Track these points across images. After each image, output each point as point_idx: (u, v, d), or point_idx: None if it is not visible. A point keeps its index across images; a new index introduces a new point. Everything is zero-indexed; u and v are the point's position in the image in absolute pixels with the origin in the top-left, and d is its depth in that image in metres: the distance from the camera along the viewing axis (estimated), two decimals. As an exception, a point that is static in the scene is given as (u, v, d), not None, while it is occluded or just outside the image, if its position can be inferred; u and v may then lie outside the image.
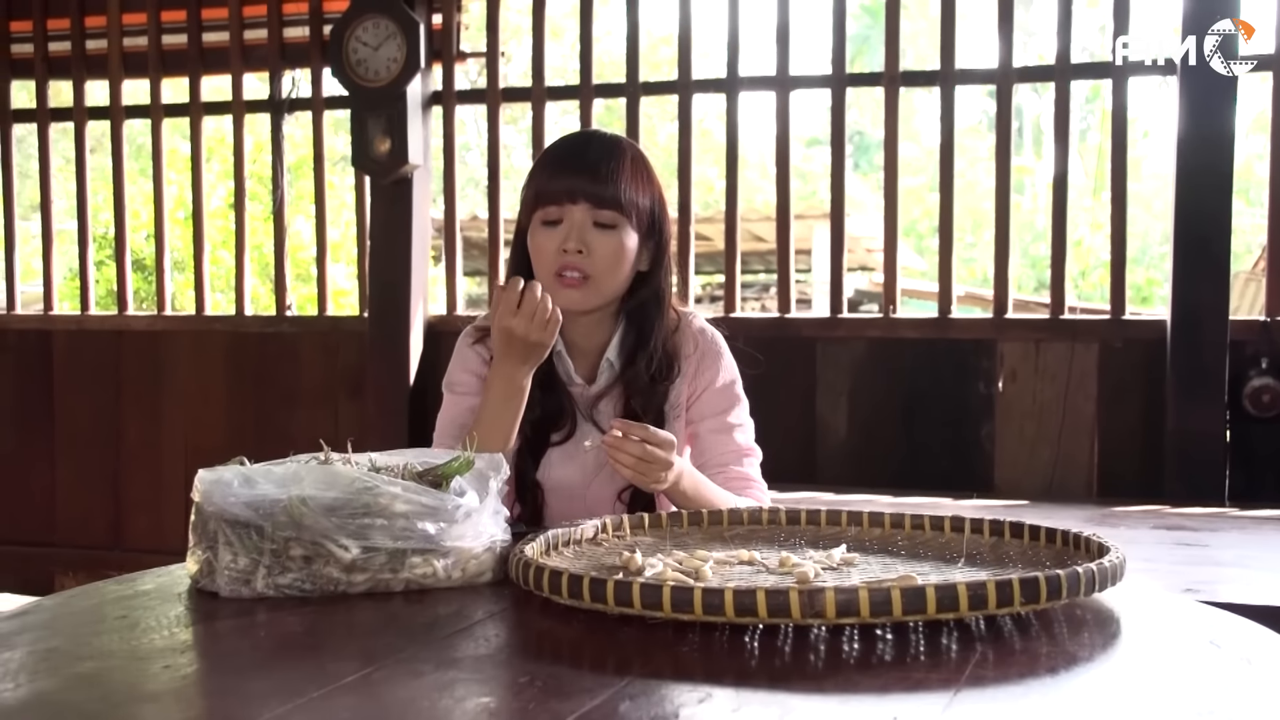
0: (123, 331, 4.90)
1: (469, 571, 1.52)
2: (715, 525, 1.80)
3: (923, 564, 1.62)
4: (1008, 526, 1.68)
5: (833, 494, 3.98)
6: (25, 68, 4.97)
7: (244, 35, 4.72)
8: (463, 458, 1.60)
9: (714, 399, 2.12)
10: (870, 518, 1.78)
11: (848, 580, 1.50)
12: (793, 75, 4.25)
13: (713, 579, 1.51)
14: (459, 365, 2.12)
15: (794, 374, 4.28)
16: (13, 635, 1.30)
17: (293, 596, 1.45)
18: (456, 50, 4.54)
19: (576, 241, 1.96)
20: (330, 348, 4.70)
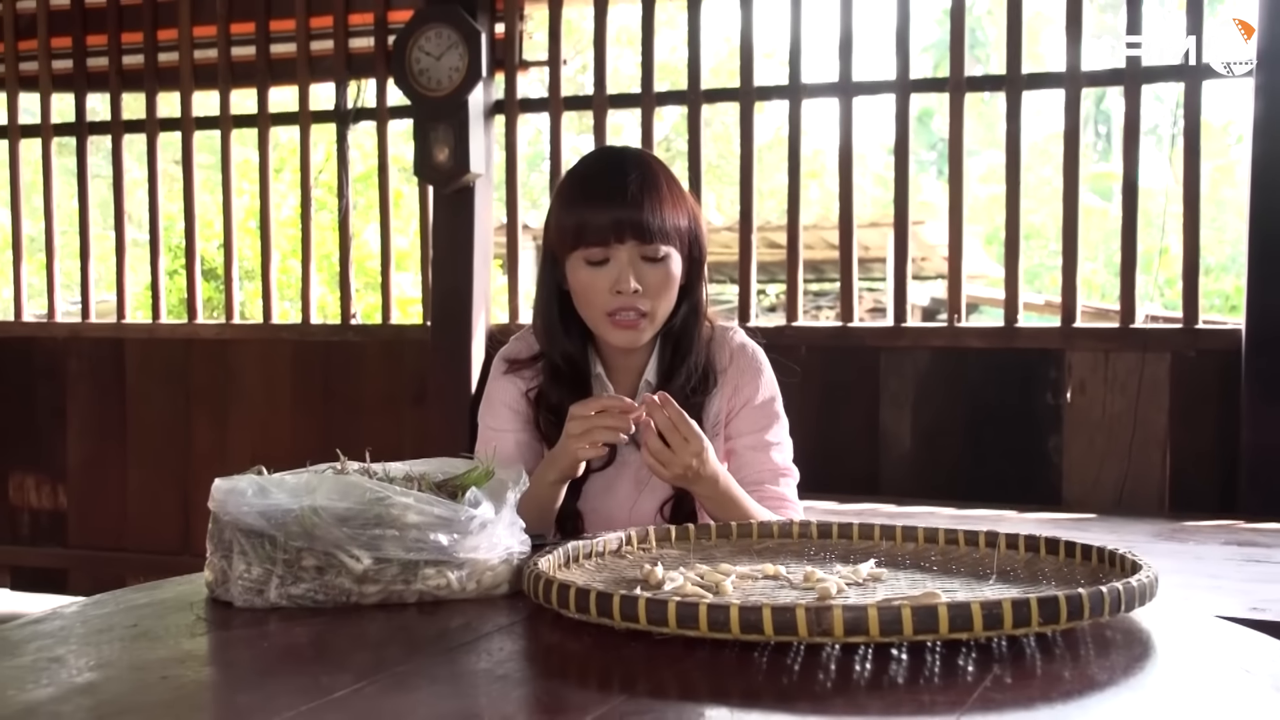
0: (192, 340, 4.96)
1: (484, 584, 1.50)
2: (744, 538, 1.77)
3: (953, 580, 1.57)
4: (1043, 542, 1.62)
5: (894, 506, 3.92)
6: (100, 80, 5.06)
7: (310, 46, 4.77)
8: (482, 468, 1.58)
9: (752, 416, 2.08)
10: (903, 532, 1.73)
11: (873, 596, 1.46)
12: (856, 81, 4.19)
13: (733, 594, 1.48)
14: (497, 399, 2.09)
15: (857, 384, 4.23)
16: (24, 643, 1.30)
17: (305, 607, 1.44)
18: (519, 59, 4.54)
19: (632, 281, 1.90)
20: (394, 356, 4.73)
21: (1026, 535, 1.65)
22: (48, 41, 5.10)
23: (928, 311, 10.64)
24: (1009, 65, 4.04)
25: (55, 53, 5.11)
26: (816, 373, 4.25)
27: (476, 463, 1.60)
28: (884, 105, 4.23)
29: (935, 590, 1.43)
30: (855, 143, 4.25)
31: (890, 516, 3.73)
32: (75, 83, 5.08)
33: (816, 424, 4.24)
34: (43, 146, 5.17)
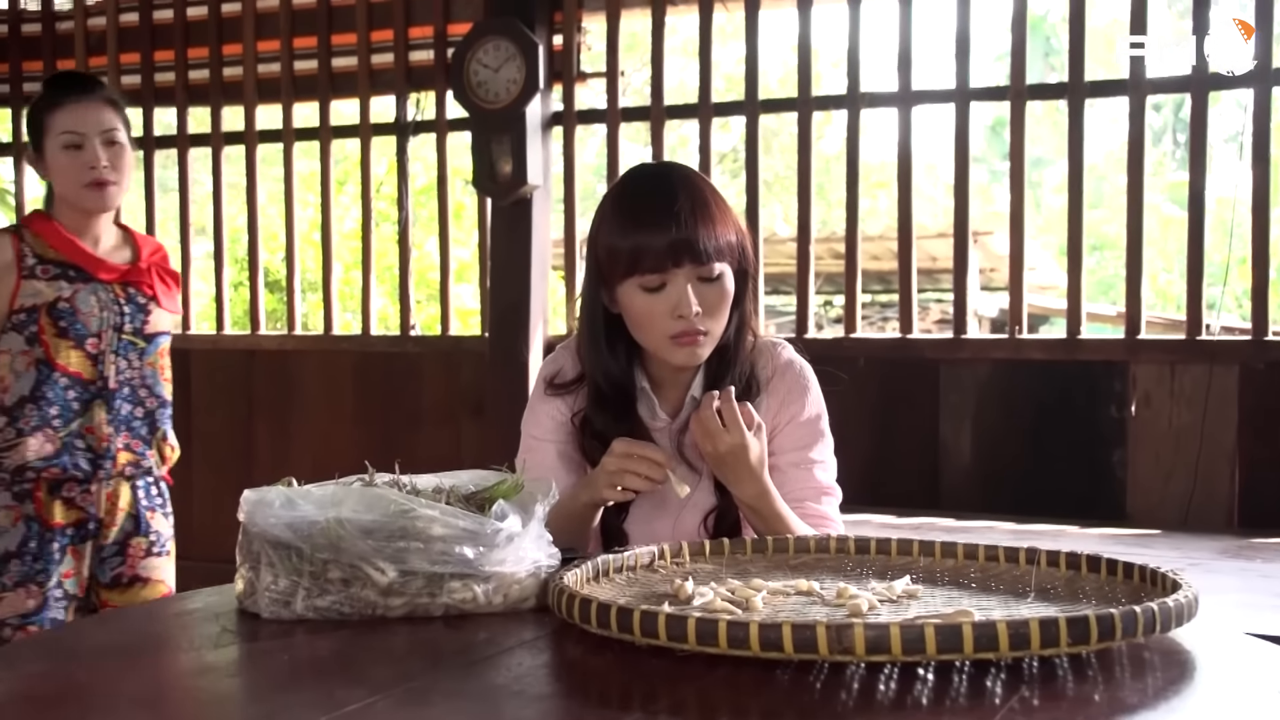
0: (255, 351, 5.02)
1: (511, 597, 1.49)
2: (780, 553, 1.74)
3: (991, 598, 1.54)
4: (1084, 560, 1.58)
5: (953, 520, 3.87)
6: (167, 95, 5.14)
7: (371, 60, 4.80)
8: (511, 481, 1.57)
9: (797, 433, 2.05)
10: (942, 548, 1.70)
11: (905, 614, 1.43)
12: (915, 90, 4.15)
13: (763, 610, 1.45)
14: (541, 409, 2.08)
15: (916, 396, 4.18)
16: (43, 654, 1.31)
17: (331, 619, 1.44)
18: (577, 71, 4.54)
19: (694, 304, 1.89)
20: (452, 367, 4.74)
21: (1067, 552, 1.60)
22: (117, 58, 5.19)
23: (996, 323, 10.50)
24: (1071, 72, 3.98)
25: (124, 69, 5.19)
26: (875, 385, 4.21)
27: (506, 475, 1.59)
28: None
29: (969, 608, 1.40)
30: (928, 152, 4.23)
31: (946, 531, 3.68)
32: (143, 98, 5.16)
33: (875, 436, 4.21)
34: None
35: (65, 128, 2.79)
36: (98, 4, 5.26)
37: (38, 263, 2.82)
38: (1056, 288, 13.30)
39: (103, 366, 2.84)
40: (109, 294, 2.86)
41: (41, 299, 2.80)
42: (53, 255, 2.83)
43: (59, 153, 2.80)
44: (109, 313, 2.85)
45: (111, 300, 2.86)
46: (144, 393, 2.92)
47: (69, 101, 2.81)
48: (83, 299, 2.82)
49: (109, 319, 2.85)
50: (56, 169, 2.81)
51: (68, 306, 2.81)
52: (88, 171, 2.78)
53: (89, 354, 2.83)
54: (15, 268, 2.80)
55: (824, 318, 12.56)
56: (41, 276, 2.81)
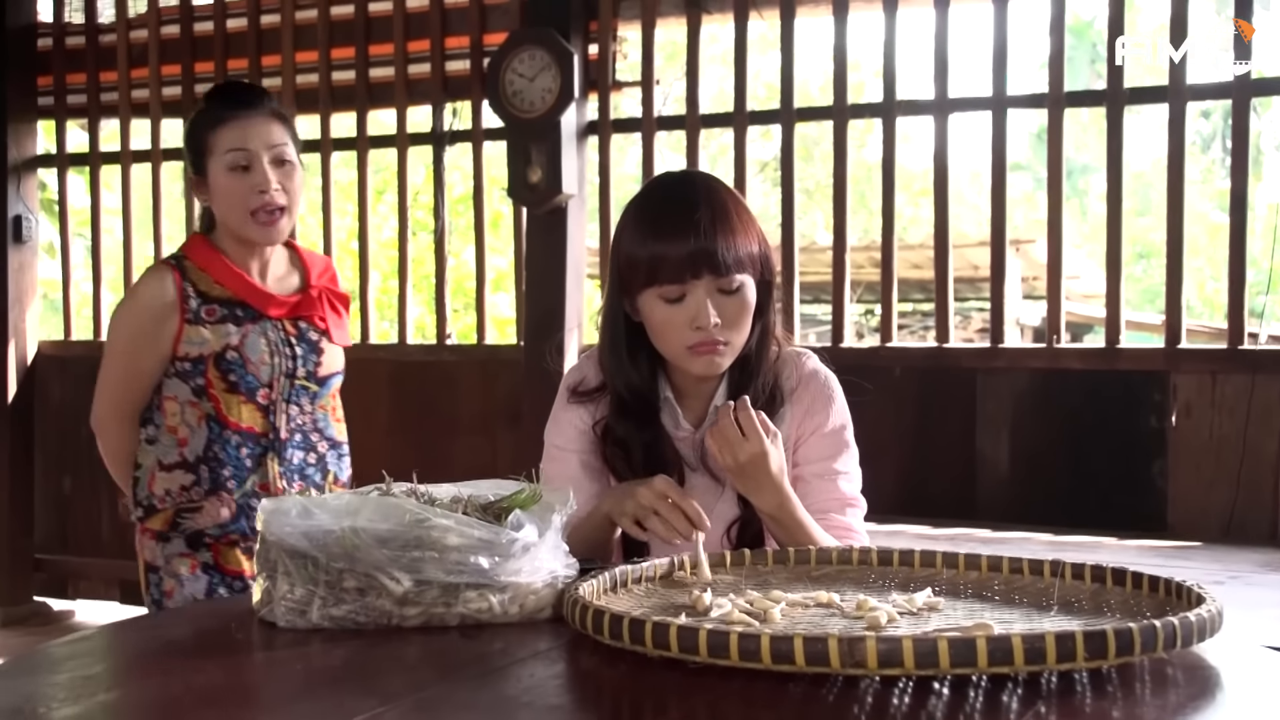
0: (293, 359, 5.04)
1: (528, 607, 1.48)
2: (802, 564, 1.73)
3: (1013, 611, 1.51)
4: (1109, 573, 1.56)
5: (989, 531, 3.84)
6: (206, 106, 5.17)
7: (408, 70, 4.82)
8: (529, 491, 1.57)
9: (821, 444, 2.04)
10: (966, 560, 1.68)
11: (925, 626, 1.42)
12: (952, 98, 4.12)
13: (780, 622, 1.44)
14: (564, 418, 2.09)
15: (953, 406, 4.15)
16: (65, 659, 1.32)
17: (347, 629, 1.43)
18: (612, 79, 4.54)
19: (712, 315, 1.88)
20: (489, 376, 4.75)
21: (1093, 565, 1.58)
22: (158, 70, 5.24)
23: (1039, 332, 10.42)
24: (1110, 80, 3.94)
25: (165, 80, 5.24)
26: (912, 394, 4.18)
27: (524, 485, 1.58)
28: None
29: (989, 621, 1.38)
30: (971, 160, 4.19)
31: (982, 542, 3.65)
32: (184, 109, 5.20)
33: (911, 446, 4.18)
34: (153, 171, 5.30)
35: (231, 145, 2.48)
36: (139, 17, 5.31)
37: (202, 303, 2.54)
38: (1101, 296, 13.11)
39: (274, 417, 2.59)
40: (279, 333, 2.60)
41: (208, 348, 2.53)
42: (218, 292, 2.56)
43: (223, 175, 2.49)
44: (280, 358, 2.59)
45: (282, 341, 2.60)
46: (315, 437, 2.67)
47: (234, 116, 2.50)
48: (252, 345, 2.55)
49: (280, 365, 2.59)
50: (220, 193, 2.52)
51: (237, 356, 2.54)
52: (256, 196, 2.49)
53: (260, 406, 2.57)
54: (178, 309, 2.53)
55: (865, 326, 12.51)
56: (207, 319, 2.54)
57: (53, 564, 5.48)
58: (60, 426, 5.48)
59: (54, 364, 5.50)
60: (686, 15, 4.43)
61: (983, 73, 4.11)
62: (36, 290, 5.58)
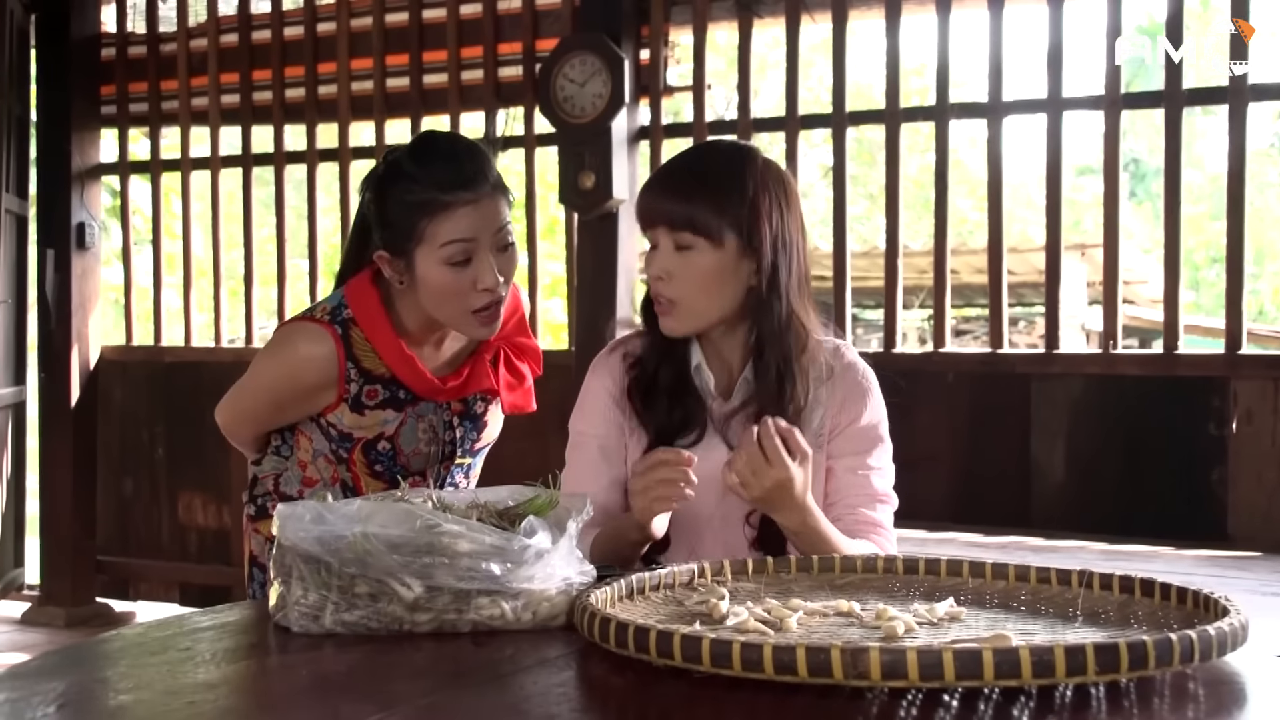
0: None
1: (540, 614, 1.47)
2: (825, 572, 1.70)
3: (1036, 621, 1.48)
4: (1138, 584, 1.52)
5: (1042, 539, 3.78)
6: (264, 113, 5.23)
7: (462, 76, 4.84)
8: (545, 496, 1.56)
9: (855, 437, 2.02)
10: (993, 569, 1.64)
11: (944, 637, 1.39)
12: (1007, 101, 4.06)
13: (796, 631, 1.42)
14: (587, 401, 2.12)
15: (1007, 412, 4.08)
16: (72, 664, 1.32)
17: (360, 634, 1.43)
18: (663, 84, 4.53)
19: (658, 268, 1.94)
20: (540, 381, 4.72)
21: (1121, 575, 1.54)
22: (217, 78, 5.30)
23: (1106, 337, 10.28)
24: (1168, 81, 3.87)
25: (223, 88, 5.30)
26: (964, 400, 4.13)
27: (541, 491, 1.57)
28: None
29: (1007, 633, 1.34)
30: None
31: (1034, 550, 3.59)
32: (241, 117, 5.27)
33: (965, 453, 4.12)
34: (212, 178, 5.36)
35: (452, 236, 2.02)
36: (199, 26, 5.38)
37: (363, 384, 2.14)
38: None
39: None
40: (440, 416, 2.23)
41: (361, 434, 2.17)
42: (381, 371, 2.14)
43: (438, 268, 2.03)
44: (438, 445, 2.24)
45: (444, 425, 2.23)
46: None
47: (460, 203, 2.02)
48: (408, 435, 2.19)
49: (436, 454, 2.24)
50: (433, 289, 2.06)
51: (389, 448, 2.18)
52: (478, 295, 2.04)
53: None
54: (337, 388, 2.13)
55: (928, 332, 12.39)
56: (367, 403, 2.15)
57: (114, 566, 5.56)
58: (122, 430, 5.56)
59: (116, 368, 5.58)
60: (738, 19, 4.42)
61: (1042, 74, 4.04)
62: (100, 296, 5.67)
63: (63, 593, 5.46)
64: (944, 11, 4.11)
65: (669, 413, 2.00)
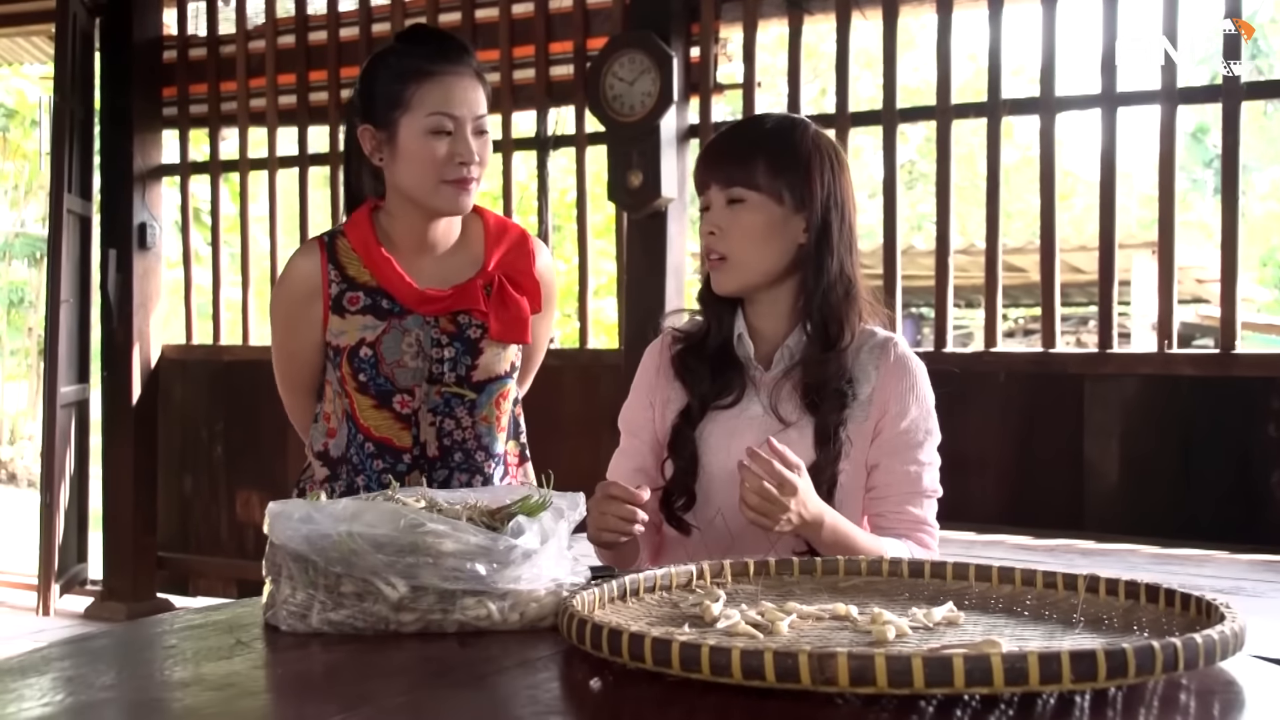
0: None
1: (528, 615, 1.46)
2: (830, 575, 1.67)
3: (1036, 627, 1.44)
4: (1143, 589, 1.48)
5: (1094, 542, 3.71)
6: (320, 114, 5.28)
7: (514, 75, 4.85)
8: (538, 497, 1.54)
9: (904, 432, 2.00)
10: (1000, 573, 1.61)
11: (935, 641, 1.36)
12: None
13: (786, 635, 1.39)
14: (632, 396, 2.19)
15: (1059, 413, 4.01)
16: (57, 659, 1.33)
17: (346, 633, 1.43)
18: (713, 83, 4.51)
19: (710, 224, 1.98)
20: (591, 380, 4.75)
21: (1127, 581, 1.50)
22: (275, 79, 5.36)
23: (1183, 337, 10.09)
24: (1226, 75, 3.77)
25: (280, 89, 5.36)
26: (1017, 400, 4.06)
27: (534, 491, 1.56)
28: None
29: (1001, 639, 1.31)
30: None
31: (1083, 553, 3.53)
32: (298, 117, 5.32)
33: (1016, 454, 4.05)
34: (269, 178, 5.42)
35: (435, 107, 2.10)
36: (257, 28, 5.44)
37: (345, 289, 2.20)
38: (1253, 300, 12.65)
39: (418, 431, 2.21)
40: (428, 333, 2.20)
41: (344, 340, 2.19)
42: (365, 278, 2.20)
43: (420, 137, 2.10)
44: (422, 361, 2.20)
45: (431, 342, 2.20)
46: (481, 456, 2.26)
47: (443, 73, 2.13)
48: (389, 344, 2.18)
49: (421, 370, 2.20)
50: (412, 156, 2.12)
51: (370, 354, 2.18)
52: (455, 167, 2.11)
53: (398, 415, 2.20)
54: (322, 295, 2.20)
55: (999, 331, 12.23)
56: (349, 308, 2.19)
57: (174, 562, 5.64)
58: (182, 428, 5.64)
59: (176, 367, 5.66)
60: (788, 16, 4.38)
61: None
62: (161, 295, 5.75)
63: (124, 588, 5.55)
64: (996, 6, 4.05)
65: (711, 378, 2.02)
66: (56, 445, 5.48)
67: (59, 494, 5.54)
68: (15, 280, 14.36)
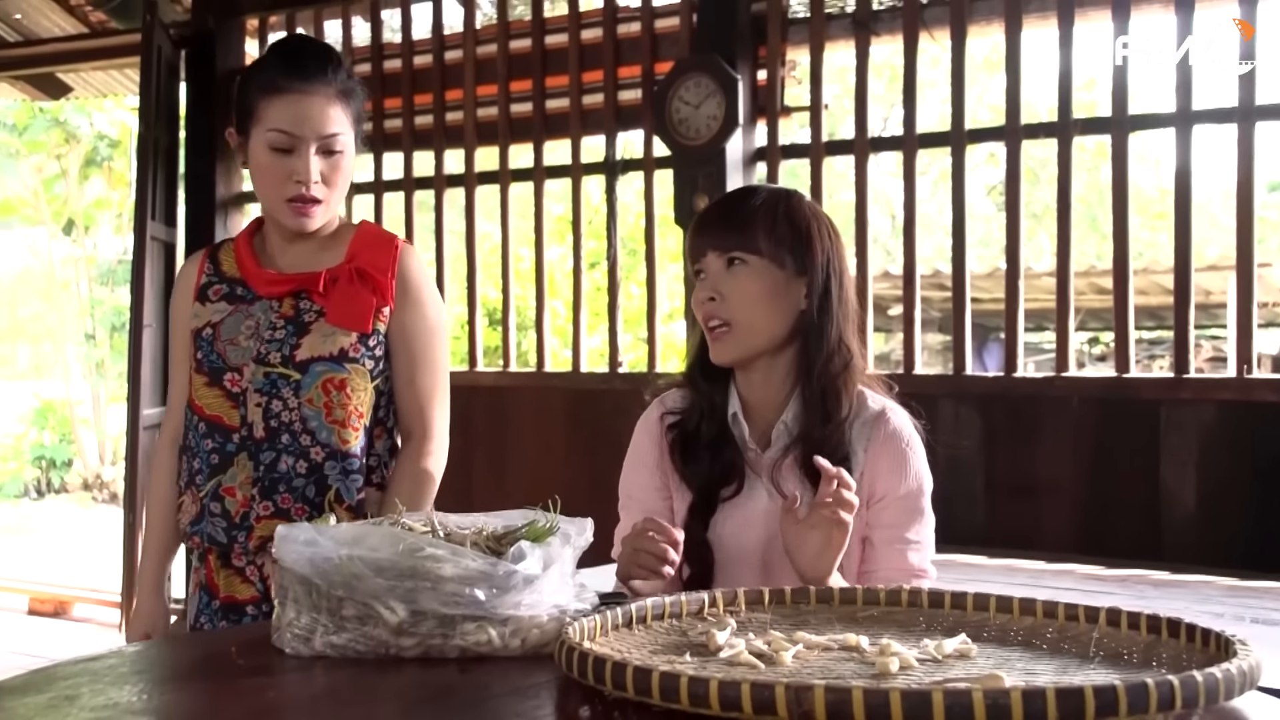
0: (474, 387, 5.12)
1: (530, 641, 1.44)
2: (847, 604, 1.64)
3: (1050, 661, 1.40)
4: (1164, 624, 1.42)
5: (1168, 573, 3.60)
6: (395, 141, 5.34)
7: (583, 100, 4.87)
8: (545, 522, 1.53)
9: (895, 508, 1.97)
10: (1021, 604, 1.56)
11: (939, 675, 1.32)
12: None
13: (789, 665, 1.37)
14: (632, 457, 2.17)
15: (1134, 439, 3.90)
16: (62, 679, 1.34)
17: (349, 657, 1.43)
18: (780, 105, 4.48)
19: (708, 289, 1.95)
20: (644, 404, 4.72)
21: (1149, 615, 1.45)
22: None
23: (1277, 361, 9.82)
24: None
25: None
26: (1089, 427, 3.96)
27: (540, 516, 1.55)
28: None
29: (1001, 674, 1.27)
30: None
31: (1155, 584, 3.43)
32: (374, 144, 5.38)
33: (1088, 481, 3.95)
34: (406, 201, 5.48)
35: (276, 124, 2.15)
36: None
37: (213, 281, 2.30)
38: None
39: (245, 411, 2.21)
40: (270, 314, 2.25)
41: (196, 324, 2.28)
42: (232, 273, 2.30)
43: (263, 151, 2.17)
44: (255, 342, 2.23)
45: (267, 325, 2.24)
46: (307, 440, 2.20)
47: (290, 90, 2.15)
48: (230, 324, 2.25)
49: (250, 349, 2.22)
50: (257, 170, 2.22)
51: (210, 333, 2.25)
52: (293, 185, 2.17)
53: (228, 393, 2.22)
54: (194, 287, 2.31)
55: (1087, 355, 12.00)
56: (211, 298, 2.29)
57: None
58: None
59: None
60: (855, 38, 4.34)
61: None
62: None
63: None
64: (1066, 26, 3.97)
65: (710, 466, 1.99)
66: (139, 466, 5.58)
67: (141, 514, 5.63)
68: (119, 305, 14.71)
